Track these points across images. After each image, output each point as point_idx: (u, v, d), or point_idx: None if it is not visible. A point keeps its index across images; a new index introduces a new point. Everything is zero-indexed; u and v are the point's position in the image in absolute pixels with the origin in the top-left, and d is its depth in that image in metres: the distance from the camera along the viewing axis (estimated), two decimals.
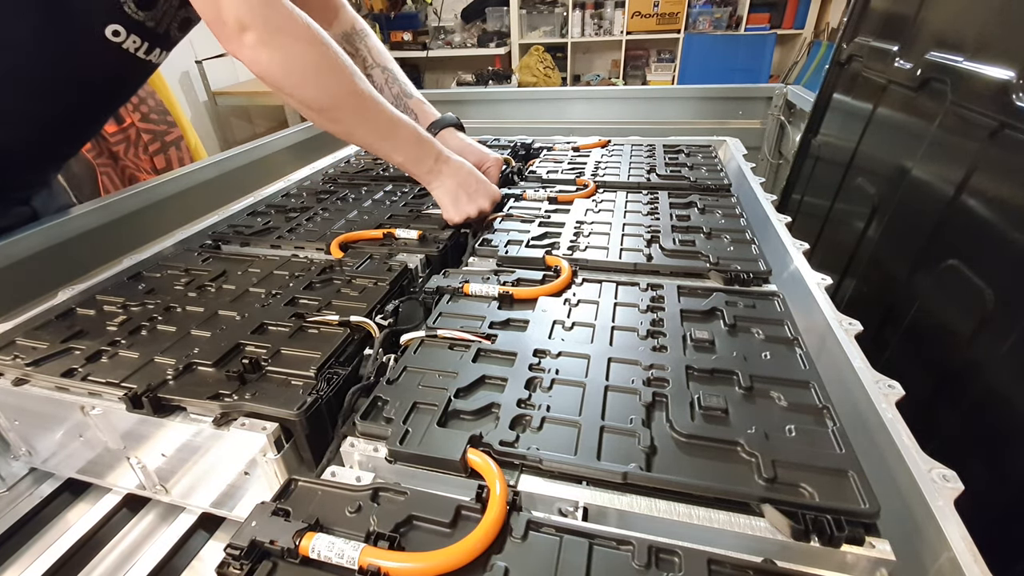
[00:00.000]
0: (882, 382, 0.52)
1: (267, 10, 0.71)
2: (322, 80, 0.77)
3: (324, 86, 0.77)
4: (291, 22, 0.73)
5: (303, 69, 0.75)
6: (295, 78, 0.75)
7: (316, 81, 0.76)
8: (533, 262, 0.76)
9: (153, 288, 0.73)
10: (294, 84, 0.75)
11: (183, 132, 2.37)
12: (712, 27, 4.77)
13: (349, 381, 0.55)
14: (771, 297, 0.65)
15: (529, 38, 5.07)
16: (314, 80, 0.76)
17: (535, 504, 0.44)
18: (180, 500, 0.60)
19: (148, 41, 0.82)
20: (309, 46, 0.75)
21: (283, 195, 1.11)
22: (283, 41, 0.73)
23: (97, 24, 0.76)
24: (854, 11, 1.26)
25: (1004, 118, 0.71)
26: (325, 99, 0.78)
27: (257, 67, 0.73)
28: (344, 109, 0.79)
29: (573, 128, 1.87)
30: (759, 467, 0.42)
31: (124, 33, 0.78)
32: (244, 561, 0.38)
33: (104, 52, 0.79)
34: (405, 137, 0.85)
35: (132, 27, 0.79)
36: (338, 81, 0.78)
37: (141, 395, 0.52)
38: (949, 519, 0.39)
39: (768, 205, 0.90)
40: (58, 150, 0.97)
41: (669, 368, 0.53)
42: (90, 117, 0.97)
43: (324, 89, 0.77)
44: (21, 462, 0.66)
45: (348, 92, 0.79)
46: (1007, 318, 0.67)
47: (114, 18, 0.77)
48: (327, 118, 0.79)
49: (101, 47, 0.78)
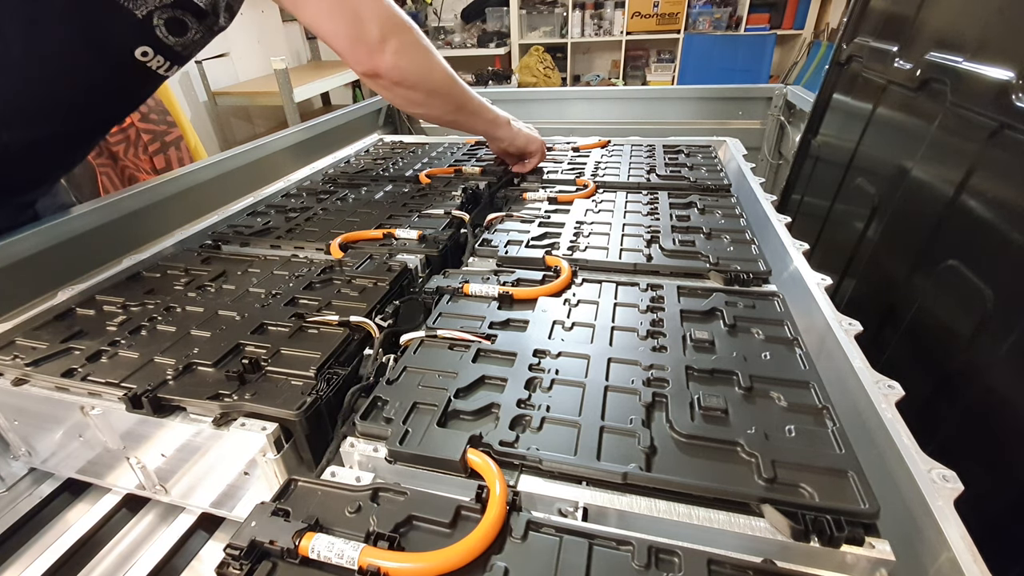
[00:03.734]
0: (882, 382, 0.52)
1: (395, 15, 0.81)
2: (437, 66, 0.90)
3: (441, 71, 0.91)
4: (406, 20, 0.84)
5: (428, 61, 0.88)
6: (426, 68, 0.88)
7: (437, 68, 0.90)
8: (533, 262, 0.76)
9: (153, 288, 0.73)
10: (426, 74, 0.88)
11: (183, 132, 2.37)
12: (712, 27, 4.77)
13: (349, 381, 0.55)
14: (771, 297, 0.65)
15: (529, 38, 5.08)
16: (436, 67, 0.89)
17: (535, 504, 0.44)
18: (180, 500, 0.60)
19: (170, 60, 0.84)
20: (422, 38, 0.87)
21: (283, 195, 1.11)
22: (411, 39, 0.84)
23: (129, 46, 0.78)
24: (854, 11, 1.26)
25: (1004, 118, 0.71)
26: (447, 82, 0.91)
27: (397, 72, 0.83)
28: (457, 85, 0.94)
29: (573, 128, 1.87)
30: (759, 467, 0.42)
31: (152, 54, 0.80)
32: (244, 561, 0.38)
33: (129, 70, 0.81)
34: (483, 106, 1.03)
35: (161, 49, 0.81)
36: (444, 63, 0.91)
37: (141, 395, 0.52)
38: (949, 519, 0.39)
39: (768, 205, 0.90)
40: (69, 156, 0.98)
41: (669, 368, 0.53)
42: (103, 126, 0.98)
43: (441, 73, 0.91)
44: (21, 462, 0.66)
45: (452, 72, 0.92)
46: (1007, 318, 0.67)
47: (146, 41, 0.78)
48: (441, 101, 0.93)
49: (127, 65, 0.80)
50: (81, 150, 1.01)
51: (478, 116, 1.04)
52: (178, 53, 0.83)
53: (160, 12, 0.76)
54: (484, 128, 1.07)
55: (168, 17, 0.77)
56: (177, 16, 0.78)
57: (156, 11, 0.75)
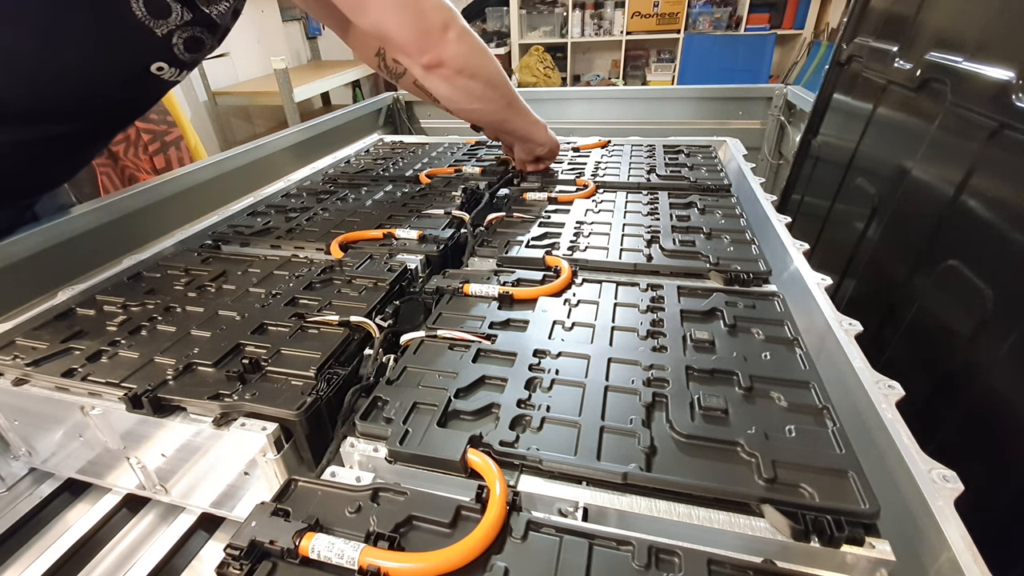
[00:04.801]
0: (882, 382, 0.52)
1: (451, 8, 0.82)
2: (491, 56, 0.89)
3: (495, 62, 0.90)
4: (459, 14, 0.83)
5: (484, 49, 0.87)
6: (483, 59, 0.87)
7: (492, 58, 0.89)
8: (533, 262, 0.76)
9: (153, 288, 0.73)
10: (484, 64, 0.87)
11: (183, 132, 2.37)
12: (712, 27, 4.77)
13: (349, 381, 0.55)
14: (771, 297, 0.65)
15: (529, 38, 5.08)
16: (491, 57, 0.89)
17: (535, 504, 0.44)
18: (180, 500, 0.60)
19: (182, 70, 0.85)
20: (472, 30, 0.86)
21: (283, 195, 1.11)
22: (466, 26, 0.84)
23: (145, 63, 0.79)
24: (854, 11, 1.26)
25: (1004, 118, 0.71)
26: (501, 76, 0.90)
27: (461, 59, 0.83)
28: (507, 80, 0.93)
29: (573, 128, 1.86)
30: (759, 467, 0.42)
31: (167, 68, 0.81)
32: (244, 561, 0.38)
33: (144, 82, 0.82)
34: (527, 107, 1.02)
35: (175, 63, 0.81)
36: (493, 58, 0.90)
37: (141, 395, 0.52)
38: (949, 519, 0.39)
39: (768, 205, 0.90)
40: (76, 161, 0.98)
41: (669, 368, 0.53)
42: (113, 132, 0.99)
43: (496, 64, 0.90)
44: (21, 462, 0.66)
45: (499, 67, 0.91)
46: (1007, 318, 0.67)
47: (163, 57, 0.79)
48: (497, 95, 0.92)
49: (143, 78, 0.81)
50: (85, 155, 1.01)
51: (524, 116, 1.01)
52: (188, 64, 0.84)
53: (180, 31, 0.77)
54: (526, 131, 1.03)
55: (187, 36, 0.78)
56: (196, 34, 0.79)
57: (177, 30, 0.76)
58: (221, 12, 0.79)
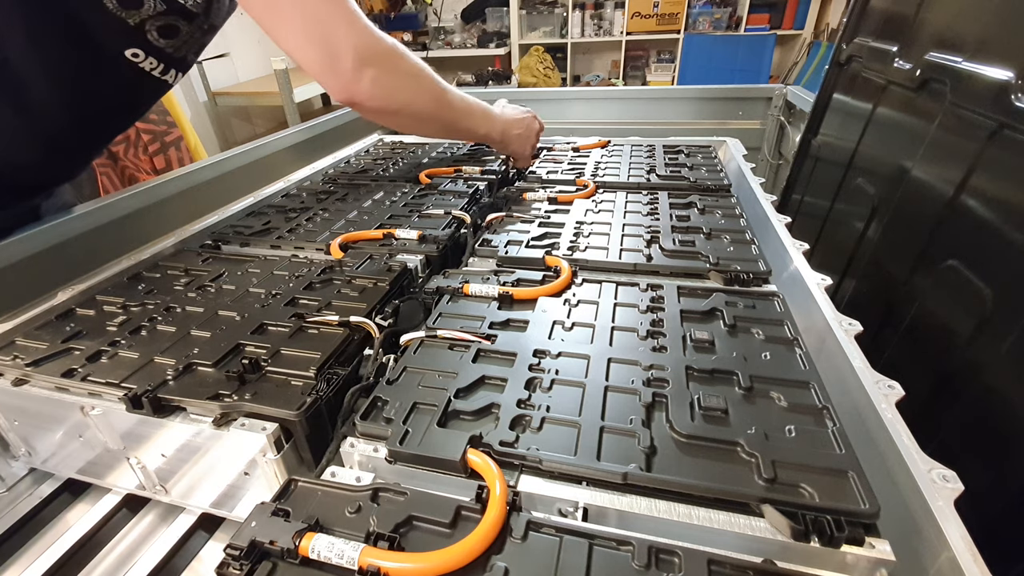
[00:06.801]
0: (882, 382, 0.52)
1: (373, 42, 0.77)
2: (422, 92, 0.86)
3: (426, 97, 0.87)
4: (388, 46, 0.79)
5: (411, 88, 0.84)
6: (408, 95, 0.83)
7: (422, 93, 0.86)
8: (533, 262, 0.76)
9: (153, 288, 0.73)
10: (408, 101, 0.84)
11: (183, 132, 2.37)
12: (712, 28, 4.77)
13: (349, 381, 0.55)
14: (771, 297, 0.65)
15: (529, 38, 5.08)
16: (421, 93, 0.86)
17: (535, 504, 0.44)
18: (180, 500, 0.60)
19: (164, 63, 0.84)
20: (405, 62, 0.83)
21: (283, 195, 1.10)
22: (391, 66, 0.80)
23: (118, 47, 0.78)
24: (854, 11, 1.26)
25: (1003, 118, 0.71)
26: (432, 106, 0.88)
27: (376, 101, 0.79)
28: (444, 107, 0.90)
29: (573, 128, 1.86)
30: (759, 467, 0.42)
31: (143, 55, 0.80)
32: (244, 561, 0.38)
33: (122, 70, 0.81)
34: (481, 115, 1.00)
35: (151, 51, 0.80)
36: (431, 85, 0.87)
37: (141, 395, 0.52)
38: (949, 519, 0.39)
39: (768, 205, 0.90)
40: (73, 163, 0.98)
41: (669, 368, 0.53)
42: (106, 133, 0.99)
43: (427, 98, 0.87)
44: (21, 462, 0.66)
45: (441, 92, 0.89)
46: (1007, 318, 0.67)
47: (135, 43, 0.78)
48: (432, 124, 0.91)
49: (120, 66, 0.80)
50: (87, 157, 1.01)
51: (471, 133, 1.06)
52: (170, 55, 0.83)
53: (153, 20, 0.76)
54: (483, 139, 1.09)
55: (160, 24, 0.77)
56: (170, 22, 0.78)
57: (149, 19, 0.76)
58: (197, 2, 0.78)
